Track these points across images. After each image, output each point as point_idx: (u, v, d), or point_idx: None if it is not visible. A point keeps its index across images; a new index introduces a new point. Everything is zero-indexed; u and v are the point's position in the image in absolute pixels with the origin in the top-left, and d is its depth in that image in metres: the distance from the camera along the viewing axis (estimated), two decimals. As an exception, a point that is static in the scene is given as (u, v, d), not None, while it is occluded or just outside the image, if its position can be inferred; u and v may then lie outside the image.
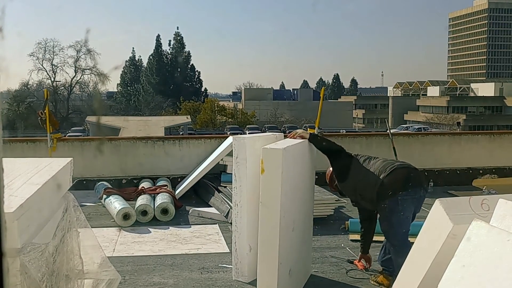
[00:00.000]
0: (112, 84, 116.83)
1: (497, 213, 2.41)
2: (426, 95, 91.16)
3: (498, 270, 1.99)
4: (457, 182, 8.90)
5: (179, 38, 75.93)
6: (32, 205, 2.57)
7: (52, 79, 58.77)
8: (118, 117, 33.48)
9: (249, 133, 26.20)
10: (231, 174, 4.87)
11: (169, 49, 75.76)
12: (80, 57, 59.29)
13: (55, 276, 2.72)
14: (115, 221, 6.33)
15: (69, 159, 3.43)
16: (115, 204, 6.57)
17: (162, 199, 6.77)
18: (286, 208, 3.85)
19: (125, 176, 8.38)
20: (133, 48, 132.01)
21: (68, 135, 30.75)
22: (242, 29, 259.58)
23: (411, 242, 3.25)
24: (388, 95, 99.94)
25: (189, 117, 41.87)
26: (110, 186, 7.69)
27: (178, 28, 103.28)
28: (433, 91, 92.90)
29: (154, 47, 74.96)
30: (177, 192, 7.63)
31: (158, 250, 5.37)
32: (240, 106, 68.60)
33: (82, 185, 7.89)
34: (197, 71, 76.98)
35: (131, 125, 24.89)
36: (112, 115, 43.48)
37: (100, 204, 7.24)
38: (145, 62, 78.25)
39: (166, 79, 72.05)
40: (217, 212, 6.71)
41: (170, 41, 76.37)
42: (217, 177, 7.94)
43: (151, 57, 74.98)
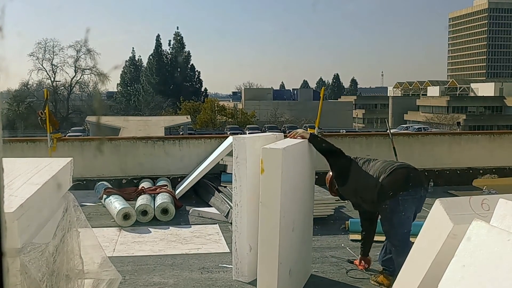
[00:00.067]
0: (112, 84, 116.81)
1: (497, 213, 2.41)
2: (426, 95, 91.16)
3: (498, 270, 1.99)
4: (457, 182, 8.90)
5: (179, 38, 75.98)
6: (32, 205, 2.57)
7: (52, 79, 58.87)
8: (118, 117, 33.50)
9: (249, 133, 26.17)
10: (231, 174, 4.87)
11: (169, 49, 75.91)
12: (80, 57, 59.42)
13: (55, 276, 2.72)
14: (115, 221, 6.33)
15: (69, 159, 3.43)
16: (115, 204, 6.57)
17: (162, 199, 6.78)
18: (286, 208, 3.85)
19: (125, 176, 8.38)
20: (133, 48, 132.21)
21: (68, 135, 30.73)
22: (242, 29, 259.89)
23: (412, 242, 3.25)
24: (388, 95, 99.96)
25: (189, 117, 41.88)
26: (110, 186, 7.69)
27: (178, 28, 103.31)
28: (433, 91, 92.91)
29: (154, 47, 75.06)
30: (177, 192, 7.63)
31: (158, 250, 5.37)
32: (240, 106, 68.59)
33: (82, 185, 7.89)
34: (197, 71, 77.10)
35: (131, 125, 24.89)
36: (112, 115, 43.53)
37: (100, 204, 7.25)
38: (145, 62, 78.41)
39: (166, 79, 72.06)
40: (217, 212, 6.71)
41: (170, 41, 76.54)
42: (217, 177, 7.95)
43: (151, 57, 75.01)
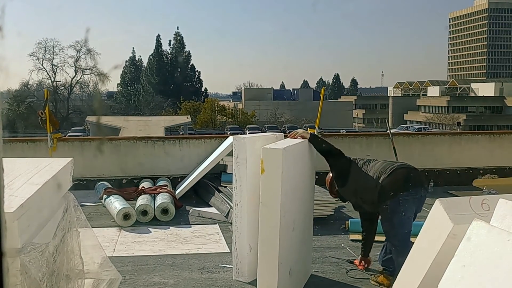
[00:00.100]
0: (112, 84, 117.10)
1: (497, 213, 2.41)
2: (426, 95, 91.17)
3: (498, 270, 1.99)
4: (457, 182, 8.89)
5: (179, 38, 75.94)
6: (32, 205, 2.57)
7: (52, 79, 58.85)
8: (118, 117, 33.48)
9: (249, 133, 26.17)
10: (231, 174, 4.87)
11: (169, 49, 75.86)
12: (80, 57, 59.39)
13: (55, 276, 2.72)
14: (115, 221, 6.33)
15: (69, 159, 3.43)
16: (115, 204, 6.57)
17: (162, 199, 6.78)
18: (286, 208, 3.85)
19: (125, 176, 8.38)
20: (133, 48, 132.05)
21: (68, 135, 30.74)
22: (242, 29, 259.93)
23: (412, 242, 3.25)
24: (388, 95, 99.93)
25: (189, 117, 41.85)
26: (110, 186, 7.69)
27: (178, 28, 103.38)
28: (433, 91, 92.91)
29: (154, 47, 75.02)
30: (177, 192, 7.63)
31: (158, 250, 5.37)
32: (240, 106, 68.57)
33: (82, 185, 7.89)
34: (197, 71, 77.06)
35: (131, 125, 24.88)
36: (112, 115, 43.54)
37: (100, 204, 7.25)
38: (145, 62, 78.36)
39: (166, 79, 72.03)
40: (217, 212, 6.71)
41: (170, 41, 76.50)
42: (217, 177, 7.95)
43: (151, 57, 74.99)
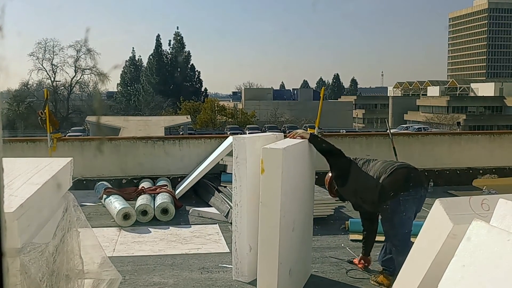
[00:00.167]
0: (112, 84, 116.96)
1: (497, 213, 2.41)
2: (426, 95, 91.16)
3: (498, 270, 1.99)
4: (457, 182, 8.89)
5: (179, 38, 75.97)
6: (32, 205, 2.57)
7: (52, 79, 58.86)
8: (118, 117, 33.50)
9: (249, 133, 26.16)
10: (231, 174, 4.87)
11: (169, 49, 75.90)
12: (80, 57, 59.40)
13: (55, 276, 2.72)
14: (115, 221, 6.33)
15: (69, 159, 3.43)
16: (115, 204, 6.57)
17: (162, 199, 6.78)
18: (286, 208, 3.85)
19: (125, 176, 8.38)
20: (133, 48, 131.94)
21: (68, 135, 30.74)
22: (242, 29, 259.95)
23: (412, 242, 3.26)
24: (388, 95, 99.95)
25: (189, 117, 41.87)
26: (110, 186, 7.69)
27: (178, 28, 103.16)
28: (433, 91, 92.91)
29: (154, 47, 75.04)
30: (177, 192, 7.63)
31: (158, 250, 5.37)
32: (240, 106, 68.57)
33: (82, 185, 7.89)
34: (197, 71, 77.09)
35: (131, 125, 24.89)
36: (112, 115, 43.55)
37: (100, 204, 7.24)
38: (145, 62, 78.38)
39: (166, 79, 72.05)
40: (217, 212, 6.71)
41: (170, 41, 76.54)
42: (217, 177, 7.94)
43: (151, 57, 75.01)
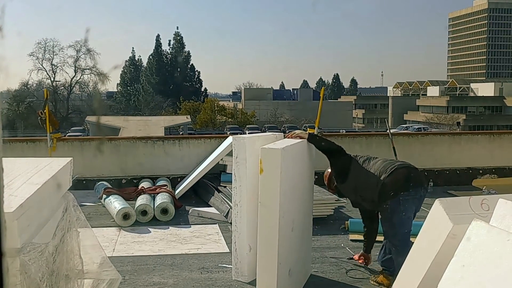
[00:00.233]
0: (112, 84, 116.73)
1: (497, 213, 2.41)
2: (426, 95, 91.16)
3: (498, 270, 1.99)
4: (457, 182, 8.89)
5: (179, 38, 75.97)
6: (32, 205, 2.57)
7: (52, 79, 58.84)
8: (118, 117, 33.53)
9: (249, 133, 26.15)
10: (231, 174, 4.86)
11: (169, 49, 75.90)
12: (80, 57, 59.39)
13: (55, 276, 2.72)
14: (115, 221, 6.33)
15: (69, 159, 3.43)
16: (115, 204, 6.57)
17: (162, 199, 6.77)
18: (285, 208, 3.85)
19: (125, 176, 8.38)
20: (133, 48, 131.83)
21: (68, 135, 30.74)
22: (242, 29, 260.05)
23: (412, 242, 3.25)
24: (388, 95, 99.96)
25: (189, 117, 41.90)
26: (110, 186, 7.69)
27: (178, 28, 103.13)
28: (433, 91, 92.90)
29: (154, 47, 75.05)
30: (177, 192, 7.63)
31: (158, 250, 5.37)
32: (240, 106, 68.56)
33: (82, 185, 7.89)
34: (197, 71, 77.09)
35: (131, 125, 24.92)
36: (112, 115, 43.55)
37: (100, 204, 7.24)
38: (145, 62, 78.37)
39: (166, 79, 72.05)
40: (217, 212, 6.71)
41: (170, 41, 76.53)
42: (217, 177, 7.94)
43: (151, 57, 75.01)
